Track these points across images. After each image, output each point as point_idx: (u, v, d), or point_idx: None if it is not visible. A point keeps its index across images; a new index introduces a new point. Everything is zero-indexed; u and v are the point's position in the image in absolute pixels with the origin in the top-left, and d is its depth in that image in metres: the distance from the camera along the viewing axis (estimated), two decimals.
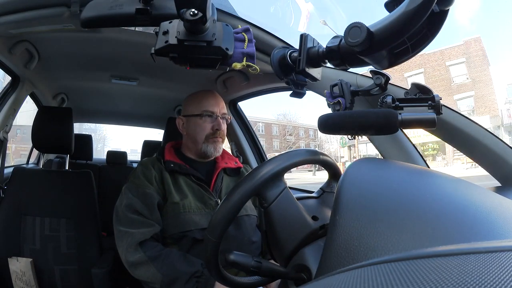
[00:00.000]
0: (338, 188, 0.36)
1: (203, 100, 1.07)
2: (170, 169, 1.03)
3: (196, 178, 1.04)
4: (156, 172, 1.03)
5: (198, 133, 1.06)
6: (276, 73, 0.51)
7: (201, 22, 0.40)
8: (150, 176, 1.01)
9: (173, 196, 0.98)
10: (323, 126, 0.53)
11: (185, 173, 1.03)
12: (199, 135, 1.06)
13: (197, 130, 1.06)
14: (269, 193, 0.51)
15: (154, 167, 1.04)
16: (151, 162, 1.07)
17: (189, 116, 1.08)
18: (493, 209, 0.31)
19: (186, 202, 0.98)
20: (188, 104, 1.11)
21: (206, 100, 1.07)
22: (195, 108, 1.07)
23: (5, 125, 1.32)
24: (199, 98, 1.09)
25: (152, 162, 1.07)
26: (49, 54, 1.25)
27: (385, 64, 0.46)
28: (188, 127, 1.09)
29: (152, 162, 1.07)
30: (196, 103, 1.08)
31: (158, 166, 1.05)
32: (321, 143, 30.06)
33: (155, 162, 1.07)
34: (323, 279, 0.19)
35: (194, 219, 0.96)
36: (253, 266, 0.50)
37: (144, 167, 1.04)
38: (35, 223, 1.20)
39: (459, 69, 18.92)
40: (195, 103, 1.08)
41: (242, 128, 1.75)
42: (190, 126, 1.08)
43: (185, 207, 0.97)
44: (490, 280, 0.13)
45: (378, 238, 0.28)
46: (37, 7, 0.81)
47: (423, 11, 0.36)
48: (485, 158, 0.76)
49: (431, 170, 0.44)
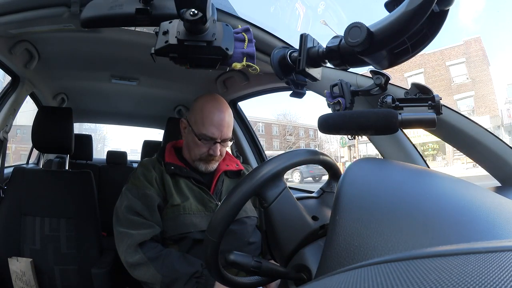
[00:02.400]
0: (338, 188, 0.36)
1: (207, 122, 0.98)
2: (171, 171, 1.01)
3: (197, 181, 1.02)
4: (157, 173, 1.01)
5: (192, 149, 1.02)
6: (276, 73, 0.51)
7: (201, 22, 0.40)
8: (150, 177, 0.99)
9: (174, 198, 0.97)
10: (323, 126, 0.53)
11: (186, 175, 1.02)
12: (193, 152, 1.02)
13: (193, 146, 1.02)
14: (269, 193, 0.51)
15: (155, 168, 1.03)
16: (151, 163, 1.04)
17: (190, 126, 1.03)
18: (493, 209, 0.31)
19: (187, 204, 0.97)
20: (193, 113, 1.03)
21: (209, 122, 0.98)
22: (196, 125, 1.00)
23: (5, 125, 1.32)
24: (205, 115, 0.99)
25: (153, 163, 1.05)
26: (49, 54, 1.25)
27: (385, 64, 0.46)
28: (187, 135, 1.05)
29: (153, 163, 1.05)
30: (200, 120, 1.00)
31: (158, 167, 1.03)
32: (321, 143, 30.05)
33: (155, 163, 1.05)
34: (323, 279, 0.19)
35: (194, 221, 0.95)
36: (253, 266, 0.50)
37: (145, 168, 1.03)
38: (35, 223, 1.20)
39: (459, 69, 18.92)
40: (199, 118, 1.00)
41: (242, 128, 1.75)
42: (189, 137, 1.04)
43: (186, 209, 0.96)
44: (490, 280, 0.13)
45: (378, 238, 0.28)
46: (37, 7, 0.81)
47: (423, 11, 0.36)
48: (485, 158, 0.76)
49: (431, 170, 0.44)
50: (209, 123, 0.98)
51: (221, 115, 1.00)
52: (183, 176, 1.02)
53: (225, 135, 1.01)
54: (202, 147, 1.00)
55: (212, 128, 0.98)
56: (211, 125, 0.98)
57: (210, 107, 1.00)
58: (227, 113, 1.02)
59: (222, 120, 1.00)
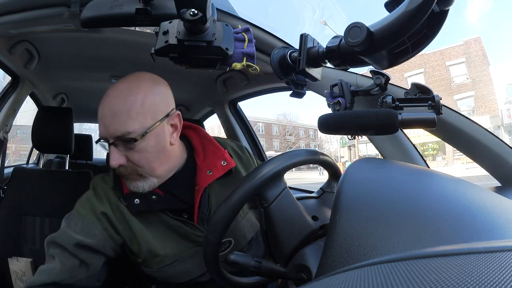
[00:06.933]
0: (338, 188, 0.36)
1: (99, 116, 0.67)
2: (136, 210, 0.69)
3: (174, 211, 0.72)
4: (112, 209, 0.70)
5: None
6: (276, 73, 0.51)
7: (201, 22, 0.40)
8: (97, 211, 0.70)
9: (149, 246, 0.70)
10: (323, 126, 0.53)
11: (159, 209, 0.71)
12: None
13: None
14: (269, 193, 0.51)
15: (110, 200, 0.71)
16: (103, 191, 0.72)
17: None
18: (493, 209, 0.31)
19: (169, 251, 0.71)
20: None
21: (99, 115, 0.66)
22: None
23: (5, 125, 1.32)
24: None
25: (105, 190, 0.72)
26: (49, 54, 1.25)
27: (385, 64, 0.46)
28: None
29: (105, 191, 0.72)
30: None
31: (114, 200, 0.71)
32: (321, 143, 30.08)
33: (108, 192, 0.72)
34: (323, 279, 0.19)
35: (186, 268, 0.72)
36: (253, 266, 0.50)
37: (94, 194, 0.72)
38: (35, 223, 1.20)
39: (459, 69, 18.93)
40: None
41: (242, 128, 1.75)
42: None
43: (169, 256, 0.71)
44: (490, 280, 0.13)
45: (378, 238, 0.28)
46: (37, 7, 0.81)
47: (423, 11, 0.36)
48: (485, 158, 0.76)
49: (431, 170, 0.44)
50: (99, 117, 0.67)
51: (106, 100, 0.65)
52: (154, 211, 0.71)
53: (113, 130, 0.64)
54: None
55: (99, 122, 0.67)
56: (100, 121, 0.66)
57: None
58: (120, 97, 0.64)
59: (105, 106, 0.65)
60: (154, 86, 0.69)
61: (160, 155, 0.69)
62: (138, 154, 0.66)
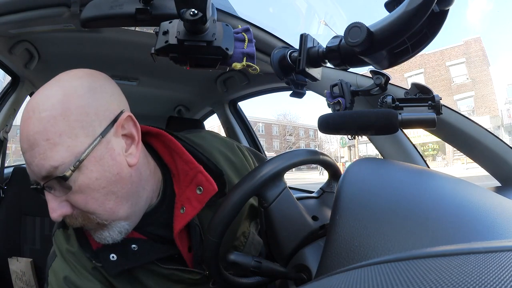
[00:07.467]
0: (338, 188, 0.36)
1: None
2: (115, 271, 0.51)
3: (165, 260, 0.56)
4: (99, 281, 0.53)
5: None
6: (276, 73, 0.51)
7: (201, 22, 0.40)
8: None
9: None
10: (323, 126, 0.53)
11: (143, 263, 0.54)
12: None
13: None
14: (269, 193, 0.51)
15: (87, 268, 0.53)
16: (73, 257, 0.53)
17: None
18: (493, 209, 0.31)
19: None
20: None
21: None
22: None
23: (5, 125, 1.32)
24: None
25: (74, 256, 0.53)
26: (49, 54, 1.25)
27: (385, 64, 0.46)
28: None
29: (75, 257, 0.53)
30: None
31: (90, 264, 0.53)
32: (321, 143, 30.09)
33: (79, 256, 0.53)
34: (323, 279, 0.19)
35: None
36: (253, 266, 0.50)
37: (69, 266, 0.53)
38: (35, 223, 1.20)
39: (459, 69, 18.93)
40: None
41: (242, 128, 1.75)
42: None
43: None
44: (490, 280, 0.13)
45: (378, 238, 0.28)
46: (37, 7, 0.81)
47: (423, 11, 0.36)
48: (485, 158, 0.76)
49: (431, 170, 0.44)
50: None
51: (23, 126, 0.44)
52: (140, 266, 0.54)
53: (37, 169, 0.44)
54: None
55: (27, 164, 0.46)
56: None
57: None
58: (34, 117, 0.43)
59: (22, 134, 0.44)
60: (82, 85, 0.46)
61: (115, 189, 0.46)
62: (81, 196, 0.45)
